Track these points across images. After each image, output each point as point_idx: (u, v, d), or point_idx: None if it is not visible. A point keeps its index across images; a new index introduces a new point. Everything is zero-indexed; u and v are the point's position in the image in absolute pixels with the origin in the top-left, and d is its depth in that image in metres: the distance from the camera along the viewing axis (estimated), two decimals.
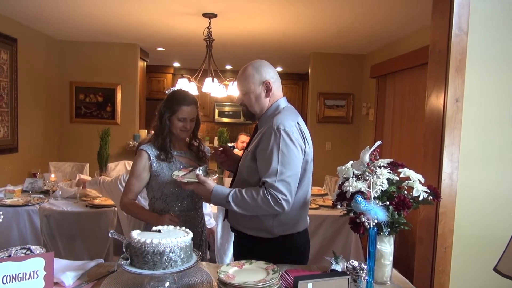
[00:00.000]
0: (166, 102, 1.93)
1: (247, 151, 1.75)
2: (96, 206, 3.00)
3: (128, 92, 5.47)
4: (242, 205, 1.60)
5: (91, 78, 5.42)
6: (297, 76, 8.07)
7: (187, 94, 1.94)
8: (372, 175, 1.35)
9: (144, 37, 5.04)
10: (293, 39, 4.84)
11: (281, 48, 5.40)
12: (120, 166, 4.58)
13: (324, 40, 4.81)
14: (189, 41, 5.07)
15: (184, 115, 1.89)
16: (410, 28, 4.08)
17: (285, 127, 1.62)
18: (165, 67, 7.67)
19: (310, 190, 1.82)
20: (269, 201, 1.56)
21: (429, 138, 2.12)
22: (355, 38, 4.65)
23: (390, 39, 4.60)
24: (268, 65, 1.79)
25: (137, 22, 4.26)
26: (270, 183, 1.57)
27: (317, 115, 5.64)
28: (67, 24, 4.43)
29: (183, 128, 1.90)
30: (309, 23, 4.07)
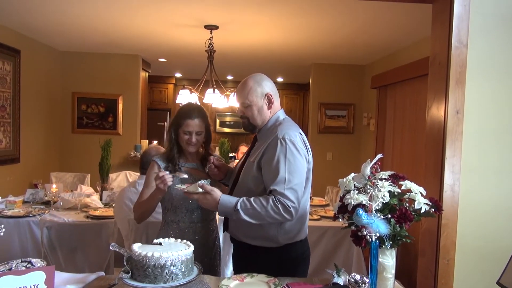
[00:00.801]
0: (175, 115, 1.99)
1: (249, 161, 1.76)
2: (97, 217, 2.99)
3: (129, 103, 5.50)
4: (251, 213, 1.61)
5: (93, 88, 5.45)
6: (297, 86, 8.11)
7: (194, 107, 1.97)
8: (373, 188, 1.35)
9: (146, 48, 5.09)
10: (294, 50, 4.87)
11: (282, 58, 5.44)
12: (122, 176, 4.59)
13: (324, 50, 4.85)
14: (190, 52, 5.12)
15: (189, 128, 1.91)
16: (410, 39, 4.11)
17: (290, 137, 1.66)
18: (166, 77, 7.71)
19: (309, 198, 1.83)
20: (279, 209, 1.58)
21: (430, 150, 2.12)
22: (356, 48, 4.68)
23: (391, 49, 4.63)
24: (267, 79, 1.83)
25: (139, 34, 4.30)
26: (280, 191, 1.59)
27: (318, 125, 5.65)
28: (69, 35, 4.48)
29: (188, 141, 1.92)
30: (310, 34, 4.10)
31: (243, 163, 1.84)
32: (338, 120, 5.67)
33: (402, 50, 4.51)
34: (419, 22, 3.44)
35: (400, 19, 3.45)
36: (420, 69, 3.77)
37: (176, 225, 1.92)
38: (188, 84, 7.31)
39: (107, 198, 3.48)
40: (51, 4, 3.37)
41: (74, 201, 3.25)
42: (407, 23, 3.56)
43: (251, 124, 1.80)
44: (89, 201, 3.32)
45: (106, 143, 3.68)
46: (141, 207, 1.91)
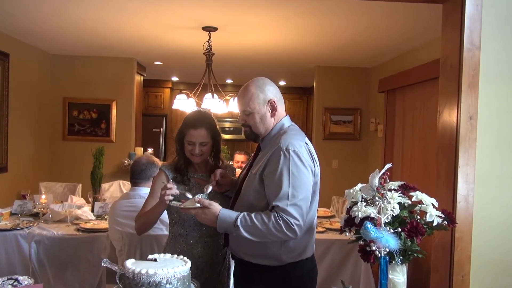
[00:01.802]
0: (181, 124, 1.98)
1: (251, 173, 1.74)
2: (88, 230, 2.98)
3: (123, 108, 5.51)
4: (251, 230, 1.59)
5: (85, 93, 5.46)
6: (301, 90, 8.12)
7: (199, 116, 1.96)
8: (382, 200, 1.34)
9: (141, 51, 5.11)
10: (297, 52, 4.89)
11: (284, 61, 5.45)
12: (115, 186, 4.58)
13: (329, 53, 4.86)
14: (188, 55, 5.13)
15: (192, 139, 1.90)
16: (419, 40, 4.11)
17: (294, 148, 1.63)
18: (162, 81, 7.74)
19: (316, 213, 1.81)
20: (281, 227, 1.55)
21: (442, 158, 2.11)
22: (362, 50, 4.69)
23: (399, 51, 4.63)
24: (270, 83, 1.80)
25: (134, 36, 4.32)
26: (282, 208, 1.56)
27: (323, 131, 5.65)
28: (61, 38, 4.50)
29: (192, 152, 1.91)
30: (313, 36, 4.11)
31: (246, 174, 1.82)
32: (343, 126, 5.67)
33: (411, 52, 4.51)
34: (429, 22, 3.45)
35: (409, 19, 3.45)
36: (430, 72, 3.77)
37: (184, 240, 1.91)
38: (185, 88, 7.33)
39: (100, 209, 3.46)
40: (42, 5, 3.39)
41: (65, 213, 3.23)
42: (416, 24, 3.57)
43: (254, 133, 1.78)
44: (80, 213, 3.30)
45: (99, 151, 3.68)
46: (141, 218, 1.90)
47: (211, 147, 1.95)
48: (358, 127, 5.67)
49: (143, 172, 2.67)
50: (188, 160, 1.97)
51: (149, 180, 2.54)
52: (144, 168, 2.67)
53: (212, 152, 1.99)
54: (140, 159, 2.73)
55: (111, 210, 2.72)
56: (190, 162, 1.98)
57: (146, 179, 2.63)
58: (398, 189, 1.46)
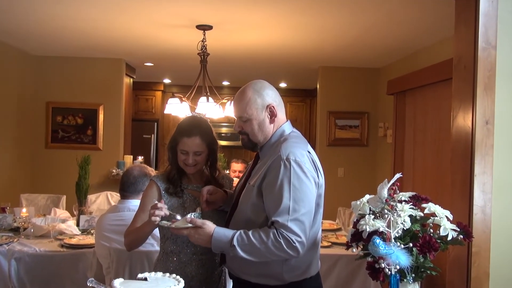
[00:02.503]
0: (174, 132, 1.97)
1: (249, 185, 1.74)
2: (73, 246, 2.96)
3: (111, 113, 5.51)
4: (249, 250, 1.57)
5: (70, 97, 5.47)
6: (303, 92, 8.14)
7: (193, 123, 1.95)
8: (391, 213, 1.34)
9: (130, 51, 5.12)
10: (299, 52, 4.90)
11: (285, 61, 5.47)
12: (102, 198, 4.57)
13: (333, 52, 4.88)
14: (181, 55, 5.15)
15: (185, 147, 1.89)
16: (431, 38, 4.13)
17: (295, 157, 1.62)
18: (154, 84, 7.75)
19: (321, 227, 1.81)
20: (281, 245, 1.54)
21: (457, 166, 2.11)
22: (369, 49, 4.71)
23: (409, 50, 4.65)
24: (269, 86, 1.79)
25: (123, 35, 4.33)
26: (282, 223, 1.55)
27: (327, 137, 5.65)
28: (44, 37, 4.52)
29: (186, 162, 1.90)
30: (316, 34, 4.13)
31: (243, 186, 1.81)
32: (350, 131, 5.67)
33: (422, 51, 4.53)
34: (441, 19, 3.47)
35: (419, 16, 3.47)
36: (443, 73, 3.78)
37: (176, 257, 1.90)
38: (178, 91, 7.34)
39: (85, 223, 3.45)
40: (23, 2, 3.40)
41: (47, 228, 3.22)
42: (427, 21, 3.59)
43: (251, 141, 1.78)
44: (65, 228, 3.29)
45: (84, 160, 3.67)
46: (131, 234, 1.89)
47: (206, 156, 1.94)
48: (366, 133, 5.68)
49: (132, 186, 2.65)
50: (181, 170, 1.96)
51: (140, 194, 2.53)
52: (134, 181, 2.66)
53: (208, 162, 1.99)
54: (132, 170, 2.71)
55: (97, 224, 2.71)
56: (183, 172, 1.97)
57: (136, 193, 2.62)
58: (409, 201, 1.46)
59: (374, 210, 1.43)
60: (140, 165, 2.83)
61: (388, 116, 5.21)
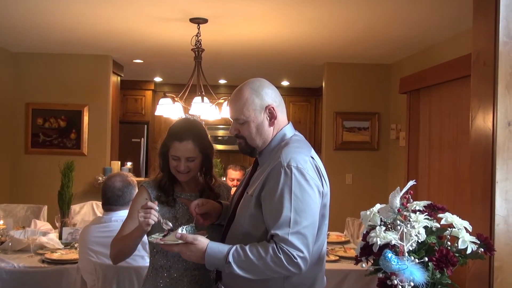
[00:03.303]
0: (165, 136, 1.98)
1: (247, 194, 1.73)
2: (55, 261, 2.97)
3: (97, 115, 5.52)
4: (246, 266, 1.57)
5: (52, 98, 5.48)
6: (307, 91, 8.16)
7: (186, 126, 1.96)
8: (405, 224, 1.34)
9: (118, 47, 5.13)
10: (302, 47, 4.92)
11: (287, 57, 5.48)
12: (87, 208, 4.57)
13: (340, 47, 4.88)
14: (173, 51, 5.16)
15: (177, 153, 1.90)
16: (447, 32, 4.14)
17: (297, 164, 1.61)
18: (143, 82, 7.77)
19: (326, 240, 1.80)
20: (281, 261, 1.54)
21: (477, 171, 2.10)
22: (379, 44, 4.72)
23: (423, 44, 4.66)
24: (268, 85, 1.80)
25: (110, 30, 4.34)
26: (282, 237, 1.55)
27: (334, 140, 5.65)
28: (23, 33, 4.53)
29: (178, 169, 1.91)
30: (321, 27, 4.14)
31: (240, 195, 1.81)
32: (359, 134, 5.67)
33: (437, 45, 4.54)
34: (458, 11, 3.48)
35: (434, 7, 3.48)
36: (460, 69, 3.79)
37: (167, 273, 1.90)
38: (170, 90, 7.35)
39: (69, 236, 3.46)
40: None
41: (27, 241, 3.22)
42: (443, 13, 3.59)
43: (249, 145, 1.78)
44: (46, 241, 3.29)
45: (68, 166, 3.68)
46: (118, 244, 1.89)
47: (200, 162, 1.94)
48: (376, 135, 5.68)
49: (120, 199, 2.66)
50: (173, 178, 1.97)
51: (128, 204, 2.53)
52: (121, 194, 2.66)
53: (202, 169, 1.99)
54: (113, 182, 2.70)
55: (81, 237, 2.71)
56: (176, 180, 1.98)
57: (125, 205, 2.62)
58: (424, 211, 1.46)
59: (386, 221, 1.43)
60: (120, 174, 2.81)
61: (401, 117, 5.22)
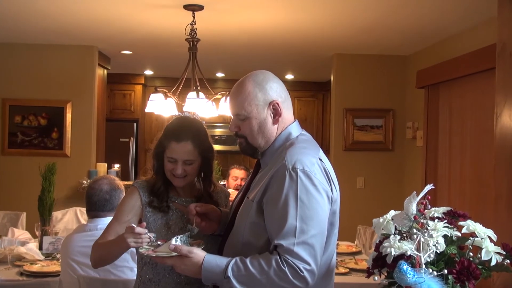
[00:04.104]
0: (161, 135, 1.98)
1: (247, 199, 1.73)
2: (34, 274, 2.97)
3: (81, 112, 5.52)
4: (247, 281, 1.57)
5: (32, 93, 5.48)
6: (314, 86, 8.16)
7: (184, 125, 1.96)
8: (422, 232, 1.34)
9: (104, 37, 5.13)
10: (308, 37, 4.91)
11: (291, 48, 5.48)
12: (70, 215, 4.57)
13: (350, 36, 4.88)
14: (165, 41, 5.16)
15: (173, 155, 1.89)
16: (469, 20, 4.13)
17: (304, 166, 1.61)
18: (133, 76, 7.77)
19: (335, 251, 1.80)
20: (286, 274, 1.53)
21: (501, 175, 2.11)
22: (394, 33, 4.71)
23: (442, 34, 4.66)
24: (273, 79, 1.80)
25: (95, 17, 4.34)
26: (287, 248, 1.55)
27: (344, 139, 5.65)
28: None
29: (174, 172, 1.91)
30: (329, 14, 4.14)
31: (241, 200, 1.81)
32: (371, 133, 5.67)
33: (458, 35, 4.53)
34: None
35: None
36: (484, 61, 3.79)
37: (155, 287, 1.90)
38: (162, 85, 7.35)
39: (50, 246, 3.46)
40: None
41: (4, 252, 3.22)
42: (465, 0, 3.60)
43: (250, 145, 1.78)
44: (25, 251, 3.29)
45: (49, 169, 3.68)
46: (100, 249, 1.89)
47: (198, 166, 1.94)
48: (391, 134, 5.68)
49: (108, 203, 2.67)
50: (168, 181, 1.97)
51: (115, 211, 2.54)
52: (108, 197, 2.67)
53: (201, 173, 1.99)
54: (99, 185, 2.71)
55: (64, 246, 2.71)
56: (171, 183, 1.98)
57: (112, 211, 2.63)
58: (443, 218, 1.46)
59: (401, 229, 1.43)
60: (106, 177, 2.83)
61: (418, 114, 5.21)
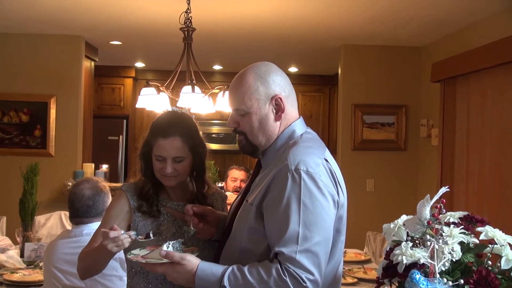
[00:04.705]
0: (148, 133, 1.99)
1: (246, 203, 1.73)
2: (15, 283, 2.98)
3: (67, 108, 5.52)
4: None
5: (12, 87, 5.48)
6: (320, 79, 8.17)
7: (172, 119, 1.96)
8: (436, 239, 1.34)
9: (91, 26, 5.13)
10: (314, 26, 4.91)
11: (295, 39, 5.48)
12: (54, 220, 4.58)
13: (360, 26, 4.88)
14: (158, 31, 5.15)
15: (161, 152, 1.89)
16: (489, 8, 4.13)
17: (307, 167, 1.61)
18: (122, 69, 7.77)
19: (342, 259, 1.80)
20: (287, 285, 1.53)
21: None
22: (406, 22, 4.71)
23: (460, 23, 4.65)
24: (277, 71, 1.79)
25: (81, 5, 4.34)
26: (288, 256, 1.54)
27: (353, 138, 5.66)
28: None
29: (163, 172, 1.90)
30: (337, 2, 4.14)
31: (239, 204, 1.81)
32: (382, 131, 5.67)
33: (477, 24, 4.53)
34: None
35: None
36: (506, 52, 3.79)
37: None
38: (154, 78, 7.35)
39: (32, 253, 3.47)
40: None
41: None
42: None
43: (250, 143, 1.78)
44: (5, 259, 3.31)
45: (31, 170, 3.69)
46: (86, 258, 1.90)
47: (190, 164, 1.94)
48: (403, 133, 5.68)
49: (91, 209, 2.65)
50: (158, 183, 1.97)
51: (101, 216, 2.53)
52: (91, 203, 2.65)
53: (193, 172, 2.00)
54: (81, 190, 2.68)
55: (47, 253, 2.71)
56: (161, 186, 1.98)
57: (97, 217, 2.62)
58: (460, 223, 1.46)
59: (413, 235, 1.43)
60: (88, 180, 2.78)
61: (433, 111, 5.21)
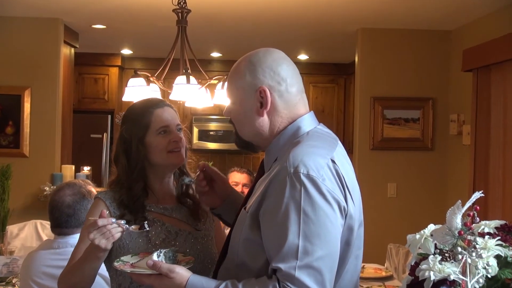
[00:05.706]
0: (126, 123, 2.05)
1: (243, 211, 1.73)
2: None
3: (43, 101, 5.53)
4: None
5: None
6: (334, 68, 8.16)
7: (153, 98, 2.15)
8: (469, 252, 1.34)
9: (71, 8, 5.15)
10: (326, 8, 4.91)
11: (306, 22, 5.48)
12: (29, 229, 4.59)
13: (379, 7, 4.88)
14: (148, 13, 5.16)
15: (164, 121, 2.01)
16: None
17: (308, 170, 1.58)
18: (106, 56, 7.78)
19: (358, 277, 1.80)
20: None
21: None
22: (433, 3, 4.71)
23: (496, 3, 4.65)
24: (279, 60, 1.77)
25: None
26: (286, 273, 1.53)
27: (372, 136, 5.66)
28: None
29: (172, 144, 1.99)
30: None
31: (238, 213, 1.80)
32: (405, 128, 5.67)
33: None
34: None
35: None
36: None
37: None
38: (143, 67, 7.37)
39: (3, 269, 3.48)
40: None
41: None
42: None
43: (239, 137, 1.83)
44: None
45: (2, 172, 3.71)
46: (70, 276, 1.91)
47: None
48: (430, 130, 5.68)
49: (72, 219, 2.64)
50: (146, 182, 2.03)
51: None
52: (72, 212, 2.64)
53: None
54: (60, 196, 2.67)
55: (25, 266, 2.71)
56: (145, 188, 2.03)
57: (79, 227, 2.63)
58: (496, 234, 1.47)
59: (442, 247, 1.43)
60: (69, 184, 2.75)
61: (465, 104, 5.21)
